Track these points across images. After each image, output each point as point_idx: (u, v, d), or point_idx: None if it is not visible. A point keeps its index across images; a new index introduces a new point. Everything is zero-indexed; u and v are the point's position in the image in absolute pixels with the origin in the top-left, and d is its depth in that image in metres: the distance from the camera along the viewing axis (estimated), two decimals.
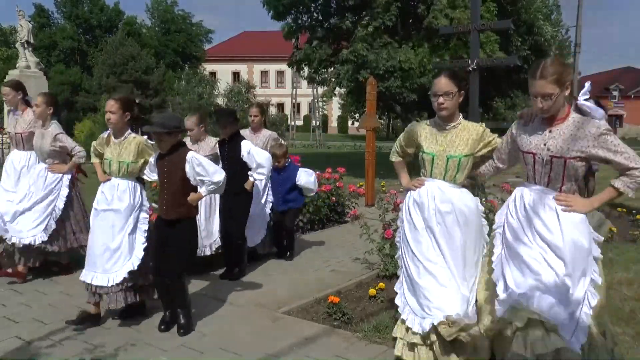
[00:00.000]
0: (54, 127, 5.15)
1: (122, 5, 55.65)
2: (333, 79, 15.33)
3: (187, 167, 3.89)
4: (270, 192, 5.97)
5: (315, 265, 5.85)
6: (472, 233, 3.26)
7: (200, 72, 36.80)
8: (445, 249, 3.19)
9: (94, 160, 4.53)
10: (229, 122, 5.24)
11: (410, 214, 3.36)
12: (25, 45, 19.04)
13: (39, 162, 5.34)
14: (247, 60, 57.54)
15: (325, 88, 17.40)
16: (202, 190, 3.97)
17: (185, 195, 3.95)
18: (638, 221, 7.68)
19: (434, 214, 3.23)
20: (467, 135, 3.24)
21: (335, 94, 16.67)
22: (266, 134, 6.22)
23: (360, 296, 4.80)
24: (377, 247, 5.34)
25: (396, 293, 3.46)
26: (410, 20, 14.97)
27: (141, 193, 4.25)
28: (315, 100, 36.31)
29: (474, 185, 3.46)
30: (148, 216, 4.25)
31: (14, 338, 3.89)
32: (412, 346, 3.18)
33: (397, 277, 5.07)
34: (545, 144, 2.85)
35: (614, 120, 51.49)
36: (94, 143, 4.48)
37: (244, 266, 5.46)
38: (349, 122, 49.10)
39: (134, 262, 4.08)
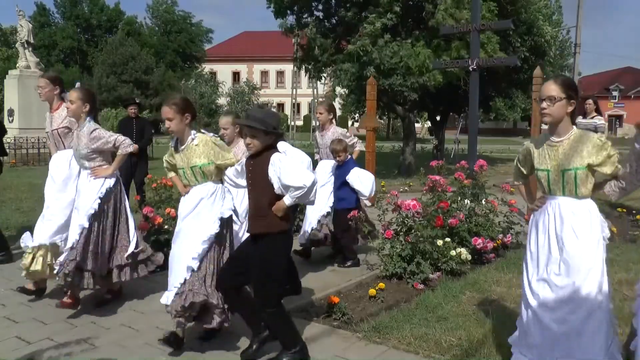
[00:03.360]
0: (89, 125, 4.46)
1: (122, 6, 55.64)
2: (333, 79, 15.30)
3: (270, 171, 3.33)
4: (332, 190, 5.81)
5: (314, 266, 5.84)
6: (594, 254, 2.92)
7: (206, 73, 36.85)
8: (563, 276, 2.90)
9: (170, 174, 4.06)
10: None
11: (531, 237, 3.12)
12: (25, 45, 19.08)
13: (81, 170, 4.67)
14: (247, 60, 57.56)
15: (327, 90, 17.41)
16: (285, 197, 3.33)
17: (269, 204, 3.36)
18: (638, 221, 7.68)
19: (553, 234, 2.98)
20: (581, 145, 2.93)
21: (336, 95, 16.64)
22: (336, 131, 5.99)
23: (360, 296, 4.80)
24: (376, 247, 5.34)
25: (514, 329, 3.25)
26: (410, 20, 14.94)
27: (223, 197, 3.78)
28: (316, 101, 36.32)
29: None
30: (221, 221, 3.73)
31: (14, 338, 3.89)
32: None
33: (397, 277, 5.14)
34: None
35: (614, 121, 51.56)
36: (165, 157, 4.02)
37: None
38: (349, 122, 49.12)
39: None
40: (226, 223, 3.77)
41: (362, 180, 5.68)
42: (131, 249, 4.56)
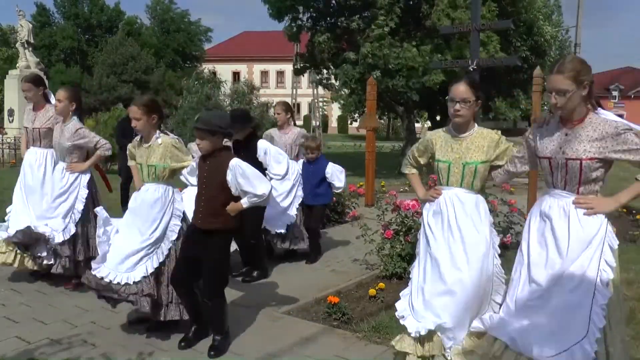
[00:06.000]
0: (75, 122, 4.91)
1: (122, 5, 55.69)
2: (338, 82, 15.30)
3: (229, 176, 3.57)
4: (300, 188, 5.90)
5: (315, 266, 5.85)
6: (488, 242, 3.19)
7: (208, 74, 36.63)
8: (464, 260, 3.10)
9: (131, 163, 4.22)
10: (242, 123, 5.03)
11: (429, 225, 3.25)
12: (26, 45, 19.09)
13: (58, 161, 5.07)
14: (247, 60, 57.54)
15: (331, 90, 17.38)
16: (243, 200, 3.61)
17: (223, 204, 3.60)
18: (638, 221, 7.69)
19: (454, 223, 3.15)
20: (482, 141, 3.16)
21: (342, 93, 16.66)
22: (295, 131, 6.17)
23: (360, 296, 4.80)
24: (376, 247, 5.34)
25: (399, 298, 3.38)
26: (409, 19, 14.95)
27: (173, 199, 3.97)
28: (316, 101, 36.32)
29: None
30: (180, 224, 3.98)
31: (14, 338, 3.90)
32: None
33: (397, 277, 5.13)
34: (561, 148, 2.73)
35: None
36: (129, 146, 4.20)
37: (264, 268, 5.39)
38: (349, 122, 49.11)
39: (147, 267, 3.83)
40: (169, 222, 3.96)
41: (337, 174, 5.97)
42: None
